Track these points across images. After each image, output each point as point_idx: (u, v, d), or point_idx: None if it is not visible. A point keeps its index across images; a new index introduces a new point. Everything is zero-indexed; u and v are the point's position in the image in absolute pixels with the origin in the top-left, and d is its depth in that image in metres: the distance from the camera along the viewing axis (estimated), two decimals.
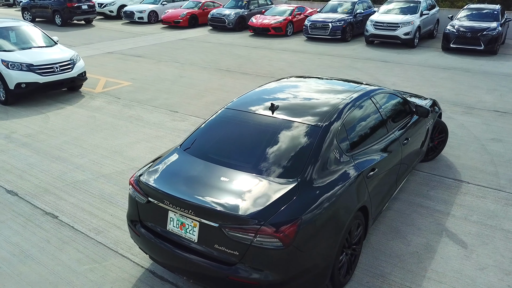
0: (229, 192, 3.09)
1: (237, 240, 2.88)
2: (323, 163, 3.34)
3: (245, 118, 3.84)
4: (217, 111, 4.18)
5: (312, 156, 3.33)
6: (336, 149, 3.50)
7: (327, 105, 3.89)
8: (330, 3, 17.31)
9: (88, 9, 20.51)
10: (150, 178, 3.39)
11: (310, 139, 3.46)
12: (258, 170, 3.29)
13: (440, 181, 5.49)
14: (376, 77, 10.80)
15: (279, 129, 3.61)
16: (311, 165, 3.27)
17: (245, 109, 3.96)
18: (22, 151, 6.52)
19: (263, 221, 2.84)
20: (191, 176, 3.32)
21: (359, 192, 3.51)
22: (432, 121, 5.55)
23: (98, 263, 3.97)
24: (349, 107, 3.89)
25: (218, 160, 3.46)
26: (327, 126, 3.56)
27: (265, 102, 4.03)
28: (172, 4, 22.36)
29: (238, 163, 3.39)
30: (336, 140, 3.54)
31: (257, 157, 3.40)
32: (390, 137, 4.28)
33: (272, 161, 3.34)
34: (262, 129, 3.65)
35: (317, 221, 3.02)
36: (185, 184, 3.24)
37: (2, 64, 8.44)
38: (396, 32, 14.22)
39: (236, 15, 18.67)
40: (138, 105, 8.77)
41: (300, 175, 3.21)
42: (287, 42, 16.21)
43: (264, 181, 3.18)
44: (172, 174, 3.40)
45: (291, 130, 3.57)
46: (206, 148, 3.64)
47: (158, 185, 3.26)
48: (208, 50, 14.69)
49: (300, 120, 3.66)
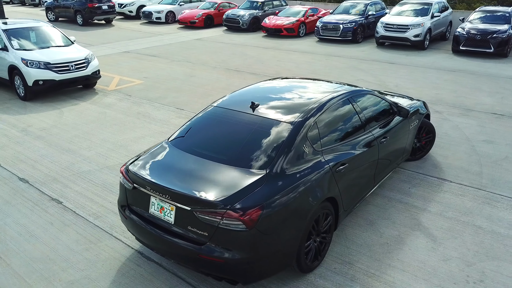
0: (203, 180, 3.46)
1: (206, 222, 3.25)
2: (292, 156, 3.67)
3: (228, 115, 4.20)
4: (204, 108, 4.55)
5: (282, 150, 3.66)
6: (306, 144, 3.82)
7: (303, 104, 4.22)
8: (343, 5, 17.50)
9: (108, 9, 21.24)
10: (136, 167, 3.79)
11: (283, 135, 3.79)
12: (233, 162, 3.64)
13: (423, 179, 5.73)
14: (380, 78, 11.00)
15: (257, 125, 3.95)
16: (280, 158, 3.61)
17: (229, 107, 4.32)
18: (36, 143, 7.05)
19: (229, 206, 3.20)
20: (172, 166, 3.71)
21: (327, 184, 3.82)
22: (417, 122, 5.79)
23: (94, 244, 4.40)
24: (323, 107, 4.20)
25: (199, 153, 3.83)
26: (299, 124, 3.89)
27: (249, 101, 4.37)
28: (189, 4, 22.91)
29: (216, 156, 3.75)
30: (307, 137, 3.86)
31: (234, 151, 3.75)
32: (366, 135, 4.57)
33: (246, 154, 3.70)
34: (242, 126, 4.00)
35: (280, 207, 3.36)
36: (166, 172, 3.62)
37: (22, 62, 9.04)
38: (406, 34, 14.33)
39: (250, 16, 19.05)
40: (147, 103, 9.23)
41: (270, 166, 3.55)
42: (298, 43, 16.50)
43: (236, 171, 3.54)
44: (156, 164, 3.79)
45: (268, 127, 3.91)
46: (190, 142, 4.02)
47: (142, 173, 3.66)
48: (220, 50, 15.11)
49: (277, 117, 4.00)
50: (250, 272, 3.34)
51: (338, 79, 10.98)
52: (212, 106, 4.49)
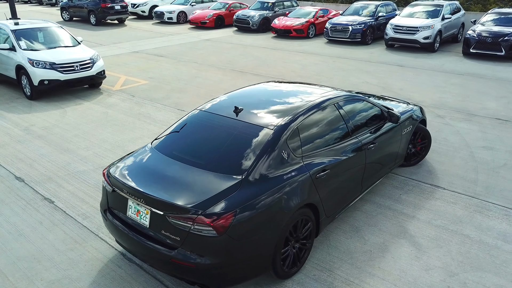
0: (179, 185, 3.48)
1: (178, 227, 3.27)
2: (270, 162, 3.66)
3: (211, 119, 4.22)
4: (189, 112, 4.58)
5: (260, 156, 3.66)
6: (285, 150, 3.81)
7: (286, 109, 4.21)
8: (353, 6, 17.36)
9: (120, 10, 21.51)
10: (117, 170, 3.84)
11: (262, 140, 3.79)
12: (211, 167, 3.66)
13: (416, 185, 5.66)
14: (385, 81, 10.88)
15: (238, 130, 3.96)
16: (257, 164, 3.61)
17: (213, 111, 4.33)
18: (37, 143, 7.19)
19: (201, 211, 3.21)
20: (151, 170, 3.74)
21: (305, 190, 3.80)
22: (411, 128, 5.71)
23: (79, 244, 4.47)
24: (306, 112, 4.18)
25: (179, 157, 3.86)
26: (279, 129, 3.88)
27: (235, 105, 4.38)
28: (200, 5, 23.03)
29: (196, 160, 3.77)
30: (286, 142, 3.85)
31: (213, 156, 3.77)
32: (351, 141, 4.53)
33: (224, 159, 3.71)
34: (224, 131, 4.01)
35: (254, 214, 3.36)
36: (143, 176, 3.66)
37: (28, 62, 9.23)
38: (415, 36, 14.13)
39: (260, 17, 19.05)
40: (150, 103, 9.32)
41: (246, 172, 3.55)
42: (307, 44, 16.43)
43: (212, 177, 3.55)
44: (135, 167, 3.83)
45: (248, 132, 3.91)
46: (171, 146, 4.05)
47: (120, 176, 3.71)
48: (228, 51, 15.16)
49: (258, 123, 4.00)
50: (222, 278, 3.35)
51: (342, 81, 10.91)
52: (197, 110, 4.52)
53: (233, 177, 3.52)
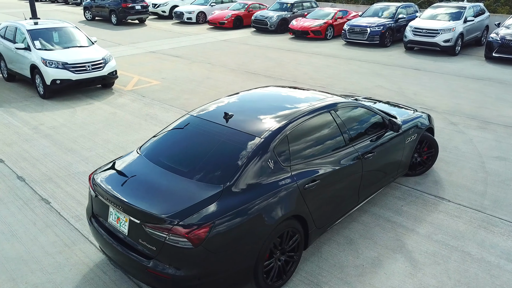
0: (159, 193, 3.40)
1: (154, 237, 3.19)
2: (255, 172, 3.54)
3: (201, 125, 4.13)
4: (181, 117, 4.51)
5: (244, 165, 3.54)
6: (272, 159, 3.68)
7: (278, 116, 4.07)
8: (373, 7, 17.00)
9: (141, 9, 21.74)
10: (101, 175, 3.80)
11: (248, 148, 3.67)
12: (194, 175, 3.57)
13: (419, 196, 5.43)
14: (399, 85, 10.58)
15: (225, 137, 3.85)
16: (241, 173, 3.49)
17: (204, 117, 4.24)
18: (43, 142, 7.28)
19: (177, 221, 3.13)
20: (134, 177, 3.68)
21: (292, 201, 3.66)
22: (415, 136, 5.48)
23: (68, 247, 4.46)
24: (298, 120, 4.04)
25: (164, 164, 3.78)
26: (266, 137, 3.76)
27: (228, 110, 4.28)
28: (220, 5, 23.04)
29: (179, 168, 3.68)
30: (274, 151, 3.72)
31: (197, 163, 3.67)
32: (346, 150, 4.36)
33: (208, 167, 3.61)
34: (211, 137, 3.91)
35: (233, 226, 3.25)
36: (125, 183, 3.60)
37: (42, 62, 9.38)
38: (435, 39, 13.71)
39: (278, 18, 18.90)
40: (158, 104, 9.33)
41: (228, 181, 3.44)
42: (324, 46, 16.19)
43: (194, 185, 3.46)
44: (119, 173, 3.78)
45: (236, 139, 3.80)
46: (157, 152, 3.98)
47: (102, 182, 3.66)
48: (243, 52, 15.08)
49: (246, 130, 3.88)
50: None
51: (354, 84, 10.66)
52: (188, 114, 4.44)
53: (214, 187, 3.42)
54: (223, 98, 4.75)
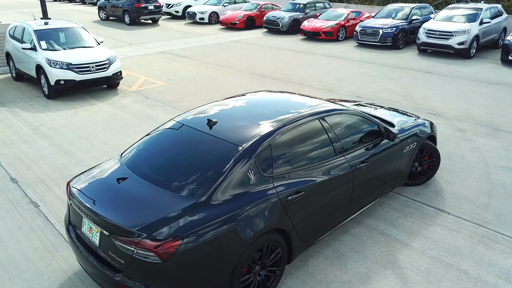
0: (131, 204, 3.28)
1: (123, 250, 3.07)
2: (232, 183, 3.39)
3: (184, 132, 3.99)
4: (165, 122, 4.38)
5: (222, 175, 3.39)
6: (253, 170, 3.52)
7: (264, 124, 3.91)
8: (386, 8, 16.64)
9: (154, 10, 21.81)
10: (77, 183, 3.70)
11: (228, 158, 3.52)
12: (169, 185, 3.43)
13: (417, 208, 5.18)
14: (408, 89, 10.27)
15: (208, 146, 3.70)
16: (217, 185, 3.34)
17: (188, 123, 4.11)
18: (41, 143, 7.26)
19: (146, 235, 2.99)
20: (109, 185, 3.56)
21: (272, 214, 3.49)
22: (415, 145, 5.24)
23: (50, 253, 4.38)
24: (283, 128, 3.86)
25: (142, 172, 3.65)
26: (249, 147, 3.59)
27: (214, 117, 4.14)
28: (233, 5, 22.95)
29: (156, 177, 3.55)
30: (255, 161, 3.55)
31: (175, 173, 3.53)
32: (336, 160, 4.16)
33: (184, 177, 3.46)
34: (192, 145, 3.77)
35: (206, 240, 3.10)
36: (99, 191, 3.48)
37: (46, 62, 9.41)
38: (449, 41, 13.31)
39: (290, 19, 18.69)
40: (161, 106, 9.25)
41: (203, 193, 3.30)
42: (335, 47, 15.91)
43: (168, 196, 3.32)
44: (95, 181, 3.66)
45: (216, 148, 3.65)
46: (138, 159, 3.85)
47: (77, 190, 3.56)
48: (253, 53, 14.93)
49: (227, 138, 3.73)
50: None
51: (362, 88, 10.40)
52: (173, 120, 4.31)
53: (188, 198, 3.28)
54: (211, 103, 4.61)
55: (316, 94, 9.98)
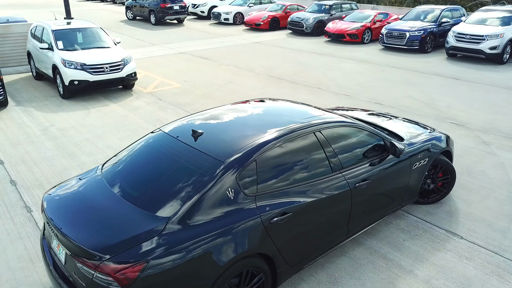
0: (99, 222, 3.06)
1: (84, 272, 2.85)
2: (208, 202, 3.11)
3: (167, 143, 3.75)
4: (150, 132, 4.16)
5: (197, 193, 3.12)
6: (233, 188, 3.23)
7: (253, 137, 3.61)
8: (415, 10, 15.96)
9: (179, 10, 21.83)
10: (51, 196, 3.51)
11: (207, 174, 3.25)
12: (143, 203, 3.18)
13: (427, 230, 4.75)
14: (431, 96, 9.70)
15: (188, 159, 3.45)
16: (191, 203, 3.08)
17: (173, 134, 3.86)
18: (47, 144, 7.22)
19: (107, 257, 2.76)
20: (80, 200, 3.34)
21: (253, 238, 3.20)
22: (426, 161, 4.81)
23: (32, 263, 4.24)
24: (272, 142, 3.55)
25: (117, 186, 3.43)
26: (230, 163, 3.31)
27: (203, 127, 3.88)
28: (258, 6, 22.70)
29: (131, 192, 3.31)
30: (236, 179, 3.27)
31: (149, 188, 3.30)
32: (332, 177, 3.82)
33: (159, 194, 3.22)
34: (174, 158, 3.52)
35: (174, 265, 2.84)
36: (68, 207, 3.28)
37: (61, 62, 9.43)
38: (480, 46, 12.57)
39: (314, 20, 18.26)
40: (172, 108, 9.10)
41: (175, 212, 3.04)
42: (359, 50, 15.39)
43: (138, 215, 3.08)
44: (68, 195, 3.46)
45: (197, 163, 3.39)
46: (117, 171, 3.63)
47: (48, 204, 3.38)
48: (273, 55, 14.62)
49: (210, 152, 3.46)
50: None
51: (382, 94, 9.91)
52: (160, 129, 4.07)
53: (159, 218, 3.03)
54: (204, 111, 4.35)
55: (332, 99, 9.59)
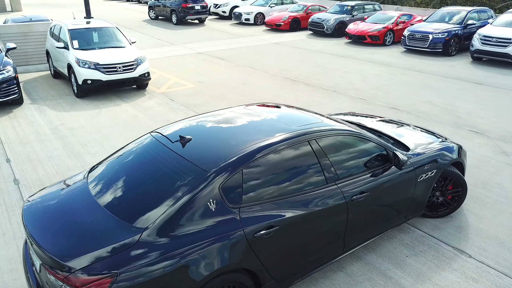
0: (74, 231, 2.95)
1: (53, 283, 2.75)
2: (187, 213, 2.96)
3: (155, 148, 3.62)
4: (141, 136, 4.05)
5: (176, 203, 2.98)
6: (215, 199, 3.07)
7: (240, 145, 3.44)
8: (439, 12, 15.41)
9: (200, 10, 21.86)
10: (32, 201, 3.43)
11: (188, 184, 3.10)
12: (121, 212, 3.06)
13: (433, 246, 4.47)
14: (451, 101, 9.29)
15: (172, 167, 3.31)
16: (169, 214, 2.93)
17: (162, 139, 3.73)
18: (55, 143, 7.25)
19: (75, 269, 2.65)
20: (60, 207, 3.24)
21: (234, 252, 3.03)
22: (433, 173, 4.52)
23: (21, 266, 4.20)
24: (262, 151, 3.37)
25: (99, 193, 3.32)
26: (213, 172, 3.15)
27: (191, 133, 3.74)
28: (280, 6, 22.48)
29: (111, 200, 3.19)
30: (219, 189, 3.10)
31: (130, 197, 3.17)
32: (325, 190, 3.60)
33: (138, 203, 3.09)
34: (158, 165, 3.39)
35: (145, 279, 2.70)
36: (47, 214, 3.19)
37: (75, 61, 9.51)
38: (507, 49, 12.00)
39: (336, 21, 17.92)
40: (183, 110, 9.03)
41: (151, 223, 2.90)
42: (380, 52, 14.97)
43: (116, 225, 2.95)
44: (49, 200, 3.37)
45: (180, 171, 3.24)
46: (100, 178, 3.52)
47: (25, 209, 3.30)
48: (291, 56, 14.40)
49: (194, 160, 3.31)
50: None
51: (400, 98, 9.56)
52: (149, 134, 3.96)
53: (134, 228, 2.90)
54: (196, 116, 4.21)
55: (347, 103, 9.31)
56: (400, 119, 8.14)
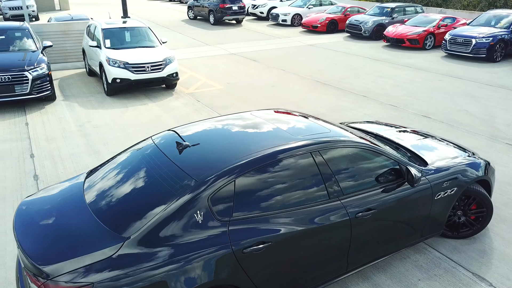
0: (57, 236, 2.90)
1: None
2: (171, 224, 2.84)
3: (152, 154, 3.53)
4: (141, 140, 3.98)
5: (160, 213, 2.87)
6: (202, 211, 2.93)
7: (237, 154, 3.29)
8: (485, 15, 14.56)
9: (238, 10, 21.88)
10: (26, 203, 3.41)
11: (176, 193, 2.98)
12: (108, 219, 2.98)
13: (451, 270, 4.12)
14: (490, 111, 8.69)
15: (163, 175, 3.20)
16: (152, 224, 2.83)
17: (159, 145, 3.64)
18: (78, 140, 7.40)
19: (52, 276, 2.59)
20: (52, 211, 3.21)
21: (220, 268, 2.88)
22: (454, 191, 4.17)
23: None
24: (258, 163, 3.20)
25: (92, 198, 3.27)
26: (204, 182, 3.01)
27: (190, 139, 3.63)
28: (318, 8, 22.11)
29: (101, 207, 3.12)
30: (209, 200, 2.97)
31: (118, 204, 3.09)
32: (326, 205, 3.38)
33: (124, 211, 3.00)
34: (151, 172, 3.29)
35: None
36: (37, 217, 3.16)
37: (106, 60, 9.70)
38: None
39: (374, 23, 17.37)
40: (208, 111, 8.99)
41: (133, 233, 2.81)
42: (419, 57, 14.34)
43: (101, 232, 2.88)
44: (43, 203, 3.34)
45: (170, 179, 3.13)
46: (95, 182, 3.48)
47: (17, 210, 3.30)
48: (324, 59, 14.07)
49: (186, 168, 3.18)
50: None
51: (434, 106, 9.05)
52: (150, 138, 3.88)
53: (117, 237, 2.81)
54: (200, 121, 4.10)
55: (376, 109, 8.93)
56: (430, 128, 7.70)
